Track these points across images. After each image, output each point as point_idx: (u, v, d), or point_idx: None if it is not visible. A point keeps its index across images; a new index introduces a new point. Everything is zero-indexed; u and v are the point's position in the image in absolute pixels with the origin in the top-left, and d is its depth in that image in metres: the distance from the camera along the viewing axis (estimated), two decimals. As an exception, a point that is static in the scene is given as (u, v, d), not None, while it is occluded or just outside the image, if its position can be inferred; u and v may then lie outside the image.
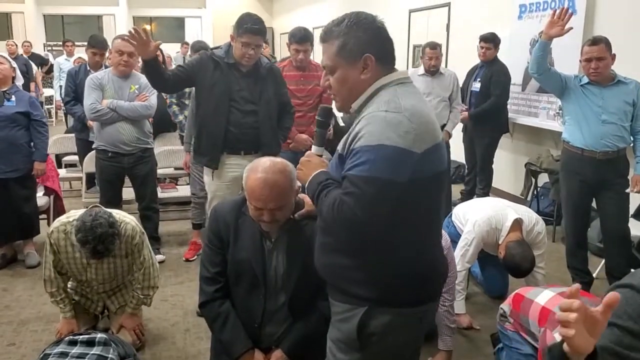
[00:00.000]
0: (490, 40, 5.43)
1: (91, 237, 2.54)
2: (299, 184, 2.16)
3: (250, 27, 3.18)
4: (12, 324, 3.36)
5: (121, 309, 3.06)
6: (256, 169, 2.06)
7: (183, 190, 5.10)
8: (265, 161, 2.08)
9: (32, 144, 4.11)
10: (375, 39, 1.60)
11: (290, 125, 3.76)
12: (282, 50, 16.17)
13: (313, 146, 1.83)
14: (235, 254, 2.19)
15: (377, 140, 1.46)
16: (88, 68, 4.90)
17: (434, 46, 5.09)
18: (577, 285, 1.06)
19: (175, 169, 5.25)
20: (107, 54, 5.10)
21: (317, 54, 2.92)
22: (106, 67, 4.70)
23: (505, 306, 2.79)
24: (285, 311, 2.22)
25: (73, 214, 2.79)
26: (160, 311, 3.53)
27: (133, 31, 2.95)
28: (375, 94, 1.59)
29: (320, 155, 1.76)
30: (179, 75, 3.32)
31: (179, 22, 19.45)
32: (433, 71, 5.08)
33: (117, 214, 2.83)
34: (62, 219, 2.84)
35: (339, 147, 1.64)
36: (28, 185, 4.18)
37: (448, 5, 7.47)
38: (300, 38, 4.11)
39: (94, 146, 4.22)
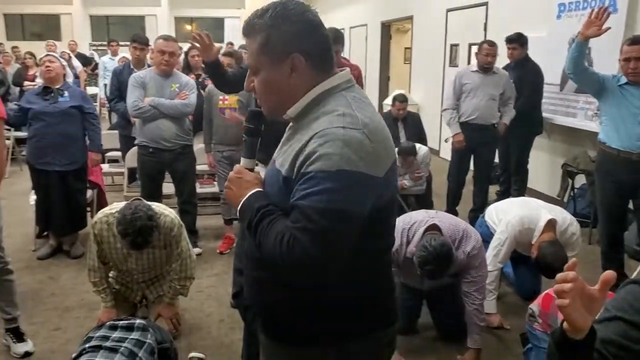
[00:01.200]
0: (515, 40, 5.39)
1: (131, 229, 2.66)
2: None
3: None
4: (57, 310, 3.54)
5: (159, 299, 3.18)
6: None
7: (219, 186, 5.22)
8: None
9: (85, 137, 4.31)
10: (304, 35, 1.32)
11: None
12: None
13: (242, 159, 1.47)
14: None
15: (337, 164, 1.20)
16: (131, 67, 5.08)
17: (492, 43, 5.02)
18: (574, 260, 1.10)
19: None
20: (148, 52, 5.28)
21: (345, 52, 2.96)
22: (149, 65, 4.87)
23: (535, 306, 2.79)
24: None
25: (115, 206, 2.93)
26: (196, 302, 3.65)
27: (197, 35, 3.09)
28: (321, 101, 1.33)
29: (252, 170, 1.45)
30: (237, 75, 3.45)
31: (219, 23, 19.77)
32: (487, 68, 5.01)
33: (157, 206, 2.95)
34: (105, 210, 2.98)
35: (279, 162, 1.37)
36: (82, 178, 4.40)
37: (485, 4, 7.41)
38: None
39: (136, 142, 4.38)
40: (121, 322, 2.26)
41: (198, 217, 4.68)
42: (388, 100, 8.94)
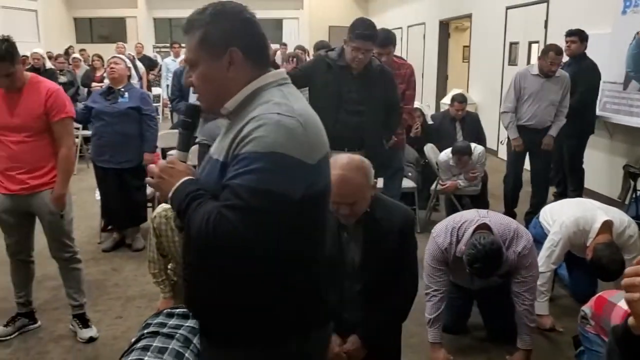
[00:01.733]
0: (575, 34, 5.25)
1: None
2: (375, 180, 2.28)
3: (361, 33, 3.37)
4: (120, 299, 3.74)
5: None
6: (335, 165, 2.17)
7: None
8: (343, 158, 2.20)
9: (141, 136, 4.50)
10: (242, 31, 1.39)
11: (396, 127, 3.89)
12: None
13: (176, 151, 1.51)
14: (315, 243, 2.32)
15: (270, 146, 1.24)
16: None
17: (559, 51, 4.85)
18: None
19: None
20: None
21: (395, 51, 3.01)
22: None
23: (587, 308, 2.74)
24: (361, 299, 2.33)
25: None
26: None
27: None
28: (256, 95, 1.38)
29: (184, 162, 1.47)
30: (296, 76, 3.57)
31: (277, 24, 20.04)
32: (550, 75, 4.89)
33: None
34: (164, 205, 3.12)
35: (216, 154, 1.41)
36: (140, 175, 4.58)
37: (547, 1, 7.23)
38: (382, 42, 4.21)
39: (197, 140, 4.55)
40: (178, 310, 2.38)
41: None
42: (446, 100, 8.86)
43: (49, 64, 8.54)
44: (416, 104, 5.37)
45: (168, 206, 3.06)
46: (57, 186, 3.04)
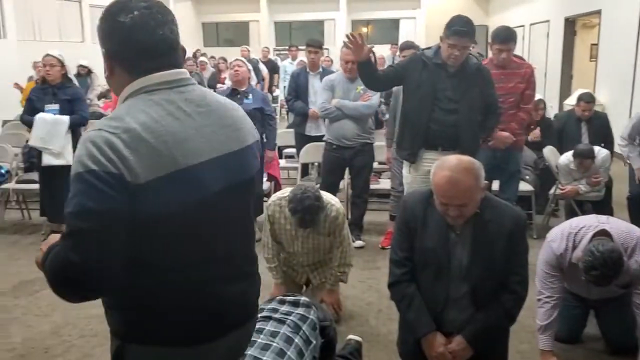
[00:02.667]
0: None
1: (300, 207, 2.99)
2: (486, 182, 2.26)
3: (458, 30, 3.34)
4: (236, 287, 3.97)
5: (322, 284, 3.44)
6: (443, 167, 2.20)
7: (384, 183, 5.39)
8: (452, 159, 2.21)
9: (263, 135, 4.77)
10: (113, 36, 1.33)
11: (494, 126, 3.81)
12: (496, 49, 15.68)
13: None
14: (421, 242, 2.35)
15: (76, 167, 1.20)
16: (307, 70, 5.47)
17: None
18: None
19: (379, 163, 5.58)
20: (322, 54, 5.63)
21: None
22: (323, 68, 5.23)
23: None
24: (468, 300, 2.33)
25: (287, 190, 3.27)
26: (357, 291, 3.86)
27: (350, 37, 3.35)
28: (126, 103, 1.33)
29: None
30: (390, 74, 3.67)
31: (394, 24, 20.02)
32: None
33: (325, 195, 3.23)
34: (278, 194, 3.35)
35: None
36: (261, 171, 4.88)
37: (689, -7, 6.63)
38: (503, 38, 4.12)
39: (323, 139, 4.74)
40: (289, 297, 2.52)
41: (361, 212, 4.91)
42: (570, 100, 8.42)
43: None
44: (538, 96, 5.15)
45: (282, 195, 3.26)
46: None
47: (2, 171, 5.46)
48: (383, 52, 12.04)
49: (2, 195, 5.44)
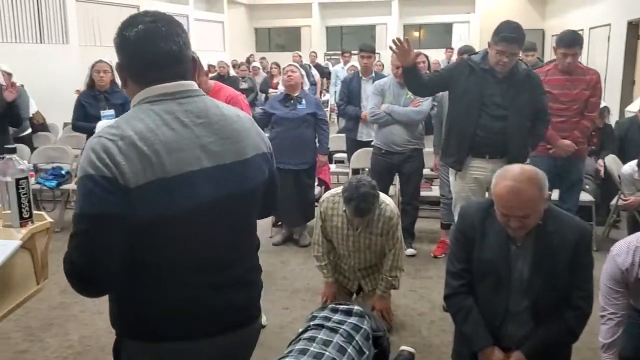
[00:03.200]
0: None
1: (355, 194, 2.99)
2: (549, 192, 2.17)
3: (506, 36, 3.26)
4: (286, 291, 3.98)
5: (373, 291, 3.39)
6: (505, 176, 2.12)
7: (436, 190, 5.29)
8: (514, 168, 2.13)
9: (316, 139, 4.80)
10: (120, 48, 1.44)
11: (542, 133, 3.70)
12: (551, 53, 15.26)
13: None
14: (480, 253, 2.28)
15: (80, 172, 1.34)
16: (360, 75, 5.43)
17: None
18: None
19: (431, 169, 5.48)
20: (375, 59, 5.59)
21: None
22: (375, 73, 5.20)
23: None
24: (528, 315, 2.24)
25: (340, 188, 3.25)
26: (409, 300, 3.80)
27: (397, 42, 3.35)
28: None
29: None
30: (435, 79, 3.64)
31: (447, 28, 19.75)
32: None
33: (381, 194, 3.23)
34: (332, 191, 3.36)
35: None
36: (312, 176, 4.93)
37: None
38: (569, 42, 3.98)
39: (372, 143, 4.72)
40: (342, 306, 2.49)
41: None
42: (632, 107, 8.07)
43: (232, 72, 9.34)
44: (602, 104, 4.96)
45: (335, 192, 3.30)
46: None
47: (63, 172, 5.65)
48: (437, 57, 11.88)
49: (62, 196, 5.62)
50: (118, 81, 4.95)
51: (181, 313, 1.43)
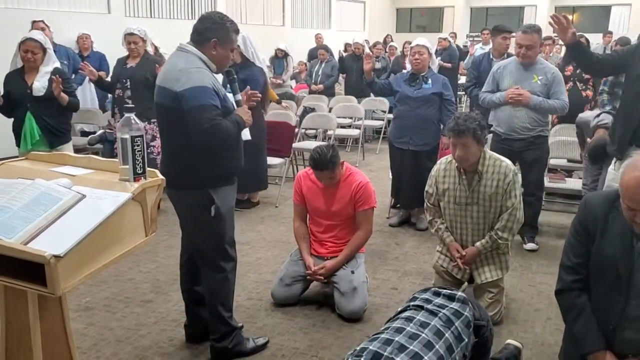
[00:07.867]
0: None
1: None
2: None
3: None
4: (397, 272, 3.97)
5: (485, 284, 3.25)
6: (634, 166, 1.92)
7: (572, 184, 4.93)
8: None
9: (439, 121, 4.64)
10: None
11: None
12: None
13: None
14: (600, 248, 2.11)
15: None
16: (491, 56, 5.19)
17: None
18: None
19: (569, 160, 5.12)
20: (511, 40, 5.29)
21: None
22: (508, 54, 4.94)
23: None
24: (649, 320, 2.05)
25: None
26: (526, 295, 3.61)
27: (555, 18, 3.30)
28: None
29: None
30: (608, 60, 3.52)
31: (605, 11, 18.14)
32: None
33: (493, 154, 3.24)
34: (443, 159, 3.37)
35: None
36: (433, 158, 4.76)
37: None
38: None
39: (491, 128, 4.50)
40: (445, 290, 2.43)
41: (542, 212, 4.55)
42: None
43: (367, 50, 9.34)
44: None
45: (447, 160, 3.32)
46: (341, 256, 3.41)
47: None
48: (592, 41, 10.97)
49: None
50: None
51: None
